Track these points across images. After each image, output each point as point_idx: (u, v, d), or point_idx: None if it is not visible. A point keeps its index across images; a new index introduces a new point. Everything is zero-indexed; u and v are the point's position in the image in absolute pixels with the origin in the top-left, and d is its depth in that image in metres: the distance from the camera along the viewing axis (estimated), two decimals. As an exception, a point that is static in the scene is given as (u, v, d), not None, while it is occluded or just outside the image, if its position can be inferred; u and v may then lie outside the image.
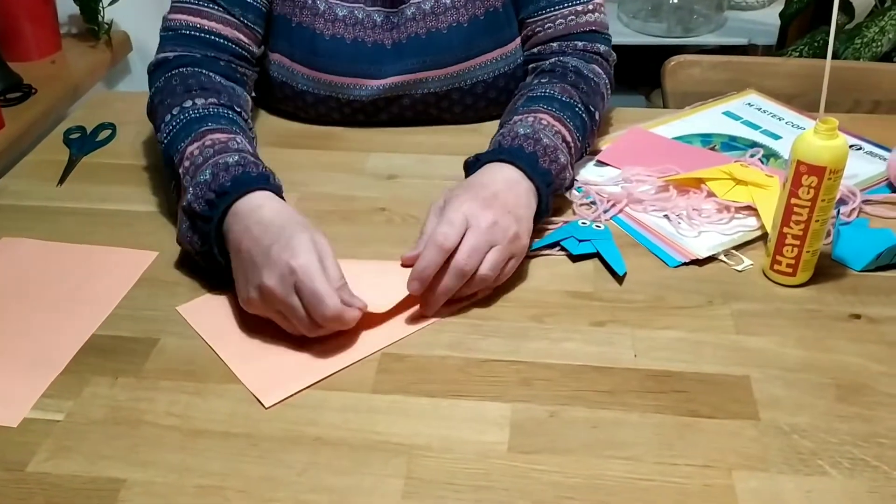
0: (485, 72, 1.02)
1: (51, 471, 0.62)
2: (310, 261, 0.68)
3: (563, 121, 0.89)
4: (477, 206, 0.75)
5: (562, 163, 0.85)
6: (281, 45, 1.02)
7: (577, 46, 0.99)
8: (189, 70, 0.91)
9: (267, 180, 0.78)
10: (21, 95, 1.31)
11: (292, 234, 0.70)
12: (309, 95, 1.04)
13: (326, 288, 0.68)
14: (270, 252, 0.69)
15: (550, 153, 0.84)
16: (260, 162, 0.81)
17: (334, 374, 0.70)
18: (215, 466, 0.62)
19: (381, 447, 0.63)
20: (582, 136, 0.91)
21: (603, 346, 0.72)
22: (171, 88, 0.89)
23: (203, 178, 0.77)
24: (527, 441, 0.63)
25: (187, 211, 0.77)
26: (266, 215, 0.73)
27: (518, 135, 0.84)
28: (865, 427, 0.64)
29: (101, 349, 0.73)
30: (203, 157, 0.79)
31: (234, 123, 0.86)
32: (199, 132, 0.82)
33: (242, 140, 0.84)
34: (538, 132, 0.84)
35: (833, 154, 0.71)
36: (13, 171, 1.02)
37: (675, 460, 0.61)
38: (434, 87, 1.02)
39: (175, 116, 0.85)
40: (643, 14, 2.10)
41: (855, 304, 0.76)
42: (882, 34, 1.60)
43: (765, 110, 1.08)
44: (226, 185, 0.75)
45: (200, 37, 0.94)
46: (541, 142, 0.84)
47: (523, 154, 0.82)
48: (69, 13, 1.61)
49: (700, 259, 0.81)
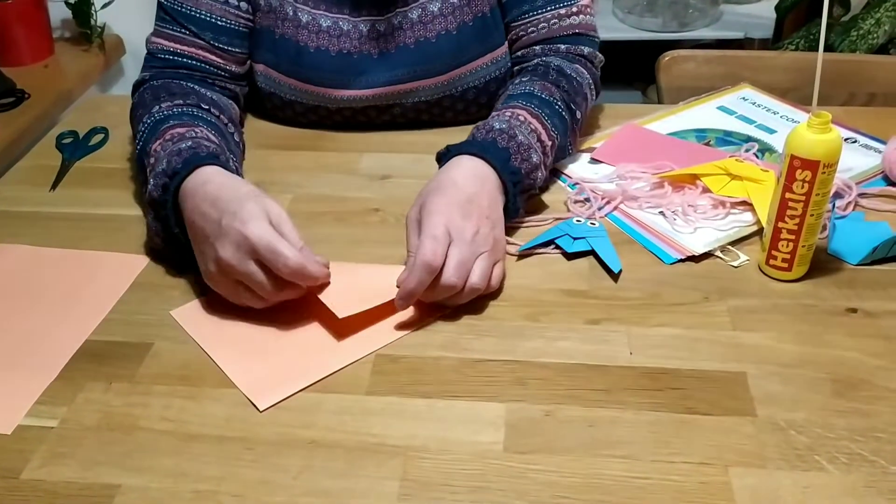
0: (475, 78, 1.01)
1: (45, 478, 0.62)
2: (261, 226, 0.70)
3: (541, 118, 0.88)
4: (457, 216, 0.74)
5: (534, 162, 0.84)
6: (266, 57, 1.01)
7: (560, 49, 0.98)
8: (160, 82, 0.94)
9: (216, 158, 0.79)
10: (14, 100, 1.31)
11: (241, 204, 0.71)
12: (298, 105, 1.03)
13: (283, 243, 0.69)
14: (221, 224, 0.71)
15: (523, 151, 0.83)
16: (214, 144, 0.83)
17: (329, 376, 0.70)
18: (210, 471, 0.62)
19: (376, 449, 0.63)
20: (561, 133, 0.90)
21: (598, 344, 0.72)
22: (143, 101, 0.92)
23: (160, 167, 0.79)
24: (523, 441, 0.63)
25: (148, 201, 0.79)
26: (211, 190, 0.74)
27: (493, 128, 0.84)
28: (863, 422, 0.63)
29: (94, 354, 0.73)
30: (163, 151, 0.81)
31: (198, 119, 0.88)
32: (161, 130, 0.85)
33: (203, 130, 0.85)
34: (514, 128, 0.84)
35: (827, 148, 0.71)
36: (6, 176, 1.02)
37: (672, 458, 0.61)
38: (425, 95, 1.02)
39: (144, 123, 0.88)
40: (638, 9, 2.09)
41: (851, 299, 0.76)
42: (878, 26, 1.60)
43: (759, 104, 1.08)
44: (177, 168, 0.77)
45: (176, 59, 0.97)
46: (515, 138, 0.83)
47: (496, 149, 0.82)
48: (62, 17, 1.61)
49: (696, 255, 0.81)
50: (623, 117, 1.06)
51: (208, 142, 0.83)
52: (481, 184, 0.78)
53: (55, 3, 1.55)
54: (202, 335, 0.74)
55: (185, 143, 0.81)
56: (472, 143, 0.83)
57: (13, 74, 1.37)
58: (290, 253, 0.69)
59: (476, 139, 0.84)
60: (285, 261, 0.69)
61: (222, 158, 0.80)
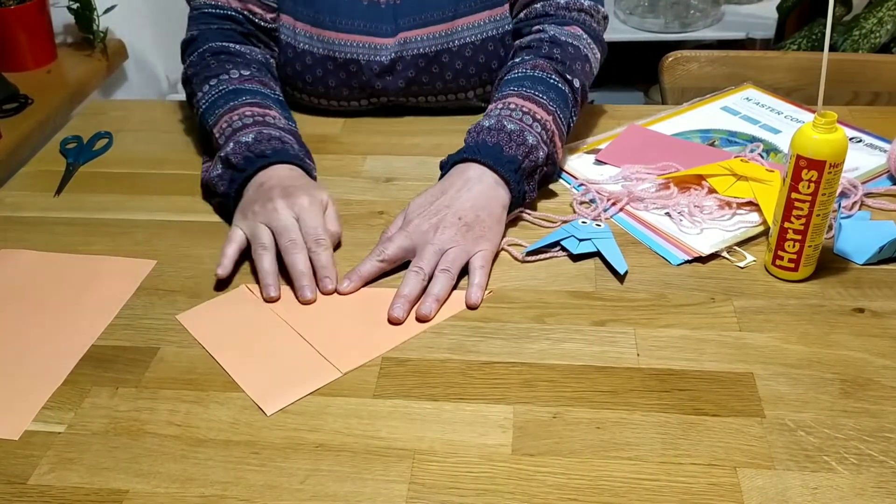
0: (472, 33, 1.03)
1: (53, 483, 0.62)
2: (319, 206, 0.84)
3: (534, 97, 0.90)
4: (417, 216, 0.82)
5: (530, 144, 0.86)
6: (287, 6, 1.05)
7: (560, 4, 0.99)
8: (217, 45, 1.02)
9: (303, 161, 0.91)
10: (17, 106, 1.31)
11: (315, 190, 0.85)
12: (308, 56, 1.05)
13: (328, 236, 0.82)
14: (290, 189, 0.84)
15: (516, 138, 0.86)
16: (297, 146, 0.94)
17: (336, 380, 0.69)
18: (217, 475, 0.62)
19: (383, 452, 0.63)
20: (562, 104, 0.91)
21: (605, 345, 0.72)
22: (205, 63, 1.00)
23: (245, 139, 0.89)
24: (530, 443, 0.63)
25: (224, 160, 0.90)
26: (290, 179, 0.86)
27: (482, 129, 0.88)
28: (871, 422, 0.63)
29: (100, 359, 0.73)
30: (243, 124, 0.92)
31: (267, 97, 0.98)
32: (236, 104, 0.94)
33: (278, 115, 0.96)
34: (502, 119, 0.87)
35: (833, 148, 0.71)
36: (10, 182, 1.02)
37: (680, 459, 0.61)
38: (425, 46, 1.03)
39: (213, 87, 0.97)
40: (640, 10, 2.09)
41: (858, 299, 0.76)
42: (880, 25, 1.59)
43: (763, 105, 1.08)
44: (266, 152, 0.88)
45: (217, 12, 1.04)
46: (504, 129, 0.86)
47: (486, 148, 0.85)
48: (64, 22, 1.61)
49: (702, 256, 0.81)
50: (627, 118, 1.06)
51: (295, 143, 0.94)
52: (470, 186, 0.83)
53: (58, 8, 1.55)
54: (208, 339, 0.74)
55: (275, 132, 0.91)
56: (465, 150, 0.87)
57: (16, 80, 1.37)
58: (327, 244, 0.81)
59: (468, 144, 0.88)
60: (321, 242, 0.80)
61: (306, 167, 0.91)
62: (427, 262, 0.78)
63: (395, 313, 0.75)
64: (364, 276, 0.79)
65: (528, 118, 0.88)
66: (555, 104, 0.91)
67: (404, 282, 0.77)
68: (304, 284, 0.78)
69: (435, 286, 0.76)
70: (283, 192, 0.83)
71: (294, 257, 0.79)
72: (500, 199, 0.83)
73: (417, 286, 0.76)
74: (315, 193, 0.84)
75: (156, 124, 1.13)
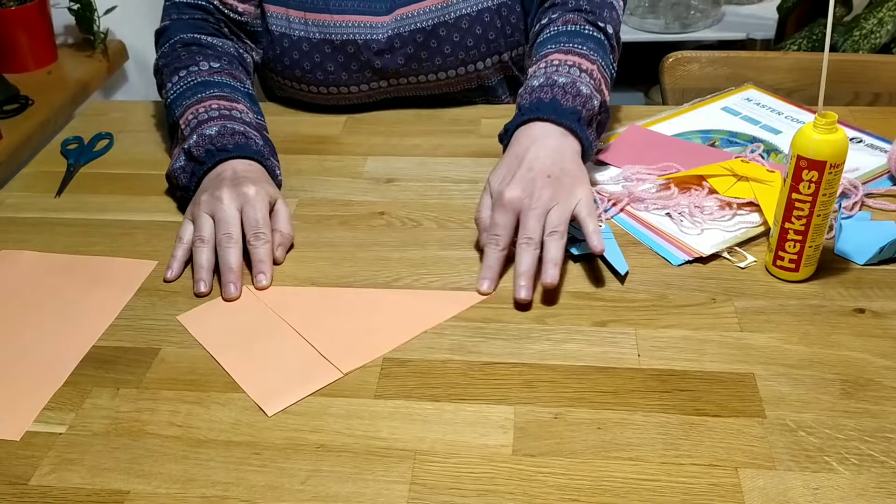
0: (468, 4, 1.03)
1: (54, 484, 0.62)
2: (262, 200, 0.83)
3: (574, 50, 0.90)
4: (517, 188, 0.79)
5: (584, 94, 0.86)
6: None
7: None
8: (189, 37, 1.02)
9: (263, 156, 0.91)
10: (18, 107, 1.31)
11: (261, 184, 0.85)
12: (305, 42, 1.05)
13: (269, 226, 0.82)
14: (239, 182, 0.84)
15: (570, 89, 0.86)
16: (260, 141, 0.93)
17: (337, 380, 0.69)
18: (219, 476, 0.62)
19: (384, 453, 0.63)
20: (601, 53, 0.92)
21: (606, 346, 0.72)
22: (176, 54, 1.00)
23: (209, 132, 0.90)
24: (531, 444, 0.63)
25: (186, 151, 0.90)
26: (246, 174, 0.86)
27: (534, 88, 0.87)
28: (872, 422, 0.63)
29: (101, 360, 0.73)
30: (209, 116, 0.91)
31: (236, 90, 0.98)
32: (203, 96, 0.94)
33: (246, 109, 0.96)
34: (551, 76, 0.87)
35: (833, 148, 0.71)
36: (11, 183, 1.02)
37: (681, 460, 0.61)
38: (420, 21, 1.03)
39: (182, 78, 0.98)
40: (640, 10, 2.09)
41: (859, 299, 0.76)
42: (881, 25, 1.60)
43: (764, 105, 1.08)
44: (228, 146, 0.88)
45: (189, 2, 1.04)
46: (556, 84, 0.86)
47: (543, 104, 0.85)
48: (65, 23, 1.61)
49: (703, 257, 0.81)
50: (627, 119, 1.06)
51: (259, 139, 0.93)
52: (541, 145, 0.82)
53: (58, 9, 1.55)
54: (209, 340, 0.74)
55: (239, 127, 0.91)
56: (522, 113, 0.86)
57: (17, 81, 1.37)
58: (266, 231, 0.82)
59: (523, 108, 0.87)
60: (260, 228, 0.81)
61: (268, 164, 0.91)
62: (534, 231, 0.77)
63: (521, 294, 0.75)
64: (497, 270, 0.79)
65: (576, 70, 0.88)
66: (596, 53, 0.91)
67: (519, 259, 0.76)
68: (229, 281, 0.78)
69: (550, 251, 0.76)
70: (233, 182, 0.83)
71: (226, 251, 0.79)
72: (573, 147, 0.83)
73: (533, 258, 0.76)
74: (265, 186, 0.85)
75: (156, 125, 1.13)
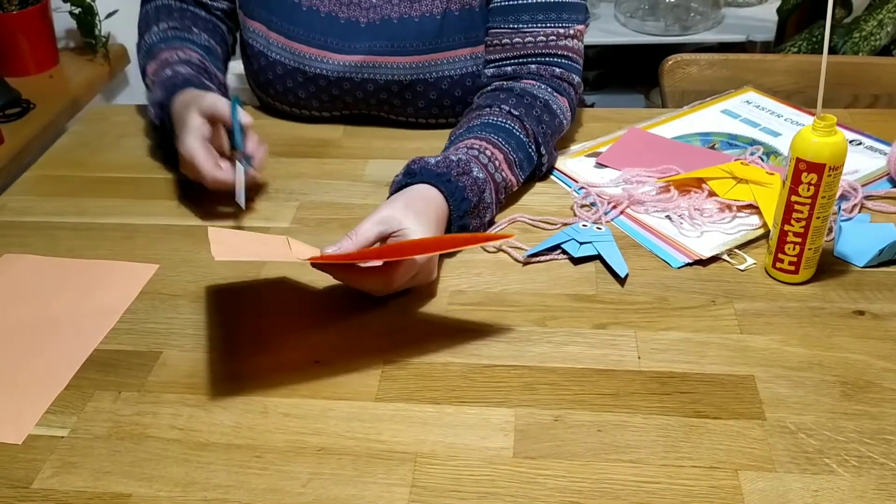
0: (452, 67, 1.02)
1: (56, 487, 0.62)
2: (188, 142, 0.88)
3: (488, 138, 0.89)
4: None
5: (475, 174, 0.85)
6: (260, 14, 1.05)
7: (555, 73, 0.97)
8: (160, 2, 1.09)
9: (189, 82, 0.96)
10: (20, 111, 1.32)
11: (183, 122, 0.89)
12: (279, 66, 1.05)
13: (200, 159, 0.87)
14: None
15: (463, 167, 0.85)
16: (190, 68, 0.99)
17: (337, 383, 0.70)
18: (220, 479, 0.62)
19: (385, 455, 0.63)
20: (526, 166, 0.91)
21: (606, 348, 0.72)
22: (148, 19, 1.08)
23: (157, 97, 0.97)
24: (532, 446, 0.63)
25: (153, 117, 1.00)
26: (178, 111, 0.92)
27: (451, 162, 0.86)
28: (872, 424, 0.63)
29: (103, 364, 0.73)
30: (157, 78, 0.99)
31: (185, 41, 1.04)
32: (156, 52, 1.02)
33: (186, 52, 1.02)
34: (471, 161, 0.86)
35: (832, 151, 0.71)
36: (13, 186, 1.02)
37: (681, 462, 0.61)
38: (399, 74, 1.02)
39: (145, 41, 1.06)
40: (640, 13, 2.10)
41: (858, 301, 0.76)
42: (880, 28, 1.60)
43: (763, 108, 1.08)
44: (163, 100, 0.95)
45: None
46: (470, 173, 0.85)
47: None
48: (66, 27, 1.62)
49: (703, 259, 0.81)
50: (627, 121, 1.07)
51: (187, 65, 0.99)
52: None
53: (60, 13, 1.56)
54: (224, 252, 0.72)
55: (167, 72, 0.97)
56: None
57: (18, 85, 1.38)
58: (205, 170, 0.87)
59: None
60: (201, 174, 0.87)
61: (195, 82, 0.96)
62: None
63: (327, 251, 0.76)
64: (347, 250, 0.77)
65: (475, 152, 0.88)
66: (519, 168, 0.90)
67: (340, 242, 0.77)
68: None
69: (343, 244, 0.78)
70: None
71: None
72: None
73: (350, 245, 0.77)
74: (185, 124, 0.89)
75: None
